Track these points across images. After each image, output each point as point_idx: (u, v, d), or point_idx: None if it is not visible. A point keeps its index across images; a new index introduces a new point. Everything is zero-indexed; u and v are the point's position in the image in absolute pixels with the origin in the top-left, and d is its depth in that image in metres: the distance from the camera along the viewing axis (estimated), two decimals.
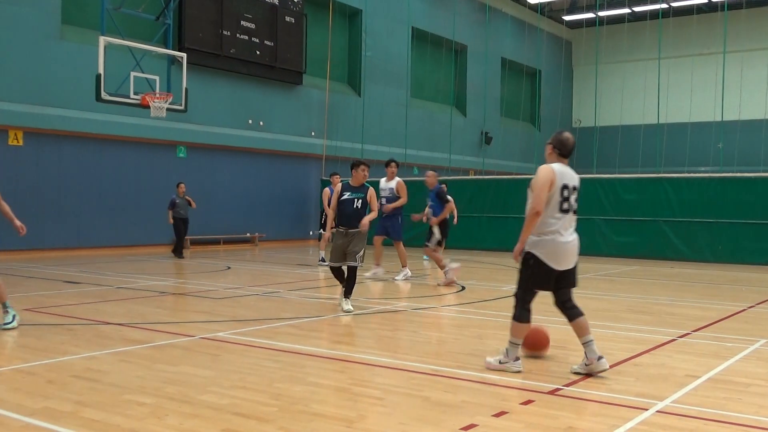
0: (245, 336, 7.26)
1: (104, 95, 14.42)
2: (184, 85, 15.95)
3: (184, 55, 16.26)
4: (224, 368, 5.86)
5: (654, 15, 32.89)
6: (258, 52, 21.44)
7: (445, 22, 28.59)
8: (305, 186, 23.67)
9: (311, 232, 23.40)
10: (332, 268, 9.16)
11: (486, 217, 20.78)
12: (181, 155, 20.10)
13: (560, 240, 5.72)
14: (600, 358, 5.72)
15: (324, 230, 14.31)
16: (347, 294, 8.99)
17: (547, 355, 6.59)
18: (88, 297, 10.26)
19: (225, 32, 20.44)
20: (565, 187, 5.77)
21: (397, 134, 25.65)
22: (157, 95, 15.26)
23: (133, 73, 15.14)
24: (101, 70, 14.27)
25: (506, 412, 4.72)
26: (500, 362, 5.91)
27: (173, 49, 16.79)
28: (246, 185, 21.76)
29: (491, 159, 30.66)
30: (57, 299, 9.79)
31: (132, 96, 15.02)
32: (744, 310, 9.87)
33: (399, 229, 12.79)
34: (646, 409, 4.83)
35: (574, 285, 6.03)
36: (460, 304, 9.89)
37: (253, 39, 21.28)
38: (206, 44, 19.95)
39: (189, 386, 5.24)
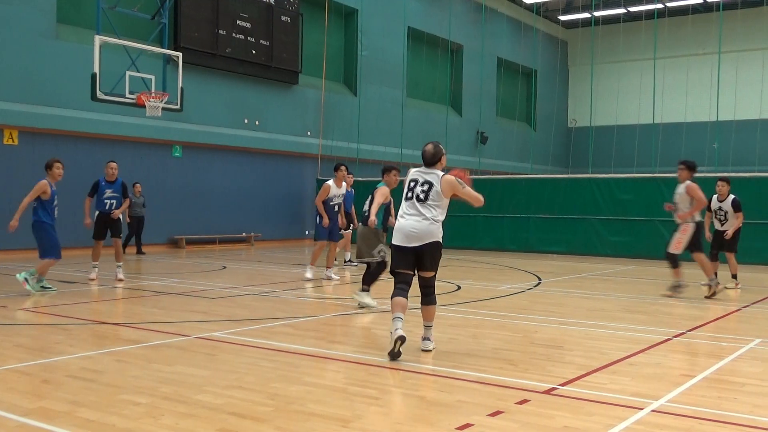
0: (241, 336, 7.26)
1: (100, 94, 14.39)
2: (180, 84, 15.93)
3: (180, 54, 16.24)
4: (220, 368, 5.85)
5: (649, 15, 32.93)
6: (254, 52, 21.42)
7: (441, 22, 28.60)
8: (301, 186, 23.67)
9: (306, 232, 23.39)
10: (379, 264, 9.39)
11: (481, 216, 20.79)
12: (177, 155, 20.07)
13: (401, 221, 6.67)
14: (425, 339, 6.67)
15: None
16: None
17: (540, 354, 6.59)
18: (84, 296, 10.25)
19: (221, 32, 20.42)
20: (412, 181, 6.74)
21: (393, 134, 25.66)
22: (153, 95, 15.23)
23: (128, 73, 15.11)
24: (96, 70, 14.24)
25: (502, 412, 4.72)
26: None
27: (169, 49, 16.76)
28: (242, 185, 21.75)
29: (487, 159, 30.68)
30: (53, 299, 9.77)
31: (127, 95, 14.99)
32: (740, 309, 9.89)
33: (321, 231, 12.65)
34: (642, 409, 4.84)
35: (429, 269, 6.67)
36: (456, 304, 9.90)
37: (248, 38, 21.27)
38: (202, 44, 19.93)
39: (185, 386, 5.24)
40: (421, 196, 6.63)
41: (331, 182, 12.42)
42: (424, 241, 6.56)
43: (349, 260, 15.42)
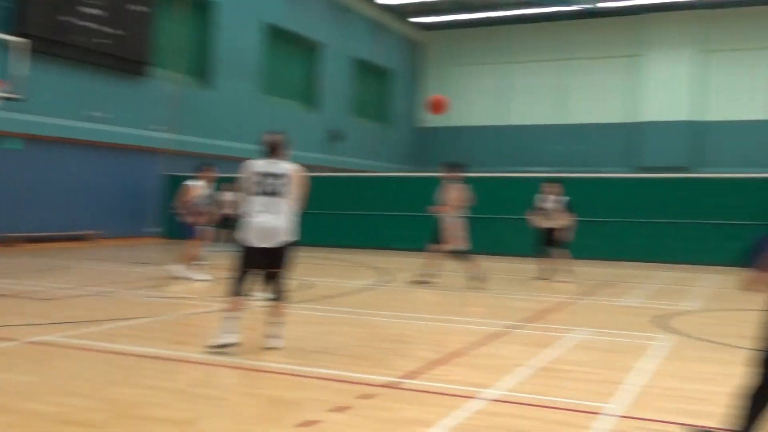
0: (78, 339, 6.93)
1: None
2: (22, 72, 14.93)
3: (24, 40, 15.20)
4: (53, 374, 5.57)
5: (503, 21, 34.43)
6: (103, 41, 20.41)
7: (300, 19, 28.50)
8: (150, 182, 22.85)
9: (151, 230, 22.63)
10: None
11: (335, 213, 20.93)
12: (16, 147, 18.79)
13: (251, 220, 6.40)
14: (273, 337, 6.59)
15: None
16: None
17: (386, 349, 6.74)
18: None
19: (68, 18, 19.27)
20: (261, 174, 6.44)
21: (249, 130, 25.28)
22: None
23: None
24: None
25: (346, 407, 4.80)
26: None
27: (11, 34, 15.67)
28: (87, 180, 20.70)
29: (342, 156, 30.92)
30: None
31: None
32: (568, 301, 10.54)
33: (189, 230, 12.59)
34: (478, 398, 5.08)
35: (275, 267, 6.53)
36: (306, 301, 9.92)
37: (98, 27, 20.21)
38: (47, 30, 18.71)
39: (12, 395, 4.94)
40: (276, 190, 6.42)
41: (198, 183, 12.37)
42: (280, 239, 6.39)
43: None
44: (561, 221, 13.11)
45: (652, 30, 32.52)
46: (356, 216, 21.02)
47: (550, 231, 13.18)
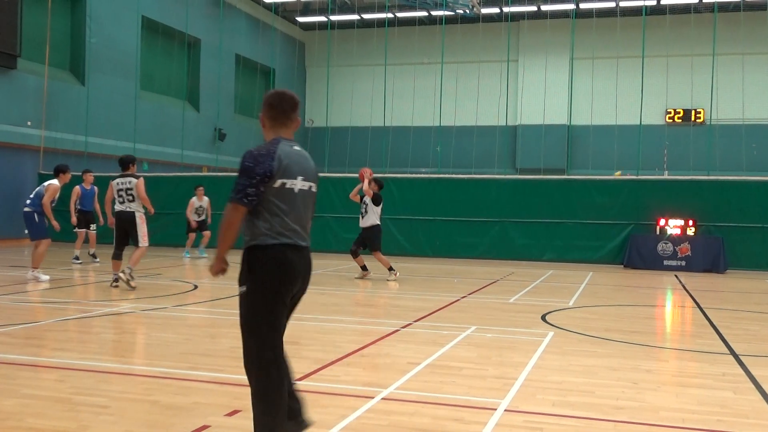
0: None
1: None
2: None
3: None
4: None
5: (381, 23, 34.77)
6: None
7: (178, 14, 27.70)
8: (20, 180, 21.59)
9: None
10: None
11: (218, 214, 20.51)
12: None
13: None
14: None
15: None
16: None
17: None
18: None
19: None
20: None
21: (126, 127, 24.36)
22: None
23: None
24: None
25: (239, 411, 4.71)
26: None
27: None
28: None
29: (225, 156, 30.34)
30: None
31: None
32: (458, 300, 10.79)
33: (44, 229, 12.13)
34: (373, 397, 5.10)
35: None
36: (192, 304, 9.67)
37: None
38: None
39: None
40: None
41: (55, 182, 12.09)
42: None
43: (93, 255, 15.61)
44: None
45: (527, 36, 33.82)
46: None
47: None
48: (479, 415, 4.78)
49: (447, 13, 32.58)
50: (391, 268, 13.31)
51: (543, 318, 9.02)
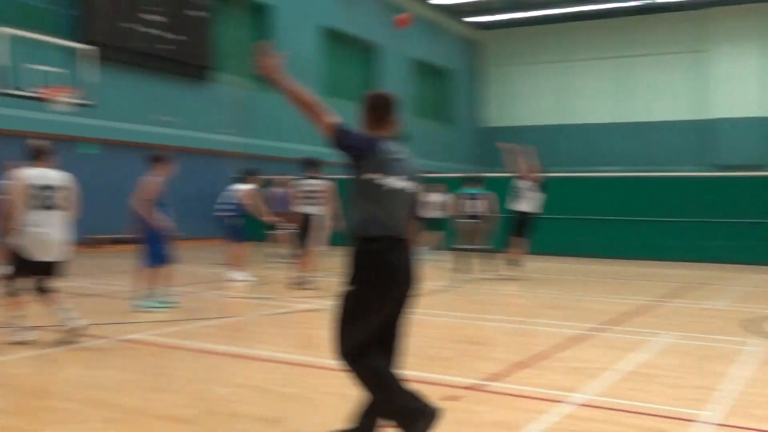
0: (165, 337, 7.07)
1: (5, 89, 13.74)
2: (89, 78, 15.36)
3: (92, 48, 15.65)
4: (143, 371, 5.69)
5: (563, 18, 33.97)
6: (166, 47, 20.85)
7: (357, 21, 28.61)
8: (216, 184, 23.21)
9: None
10: None
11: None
12: (89, 151, 19.36)
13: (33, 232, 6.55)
14: (74, 319, 6.59)
15: None
16: None
17: (463, 350, 6.67)
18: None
19: (131, 25, 19.77)
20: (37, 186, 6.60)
21: (313, 132, 25.39)
22: (59, 89, 14.63)
23: (32, 66, 14.46)
24: (2, 63, 13.59)
25: None
26: (16, 336, 6.62)
27: (77, 42, 16.14)
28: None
29: None
30: None
31: (31, 90, 14.35)
32: (650, 303, 10.28)
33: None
34: (563, 402, 4.98)
35: (54, 276, 6.77)
36: None
37: (160, 33, 20.68)
38: (112, 38, 19.24)
39: (107, 390, 5.06)
40: (57, 203, 6.74)
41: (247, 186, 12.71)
42: (62, 254, 6.77)
43: (283, 256, 15.62)
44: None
45: (717, 24, 31.62)
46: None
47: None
48: (684, 428, 4.53)
49: (627, 4, 31.23)
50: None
51: (749, 326, 8.37)
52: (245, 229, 12.60)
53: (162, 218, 8.88)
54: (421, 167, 4.12)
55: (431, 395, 5.06)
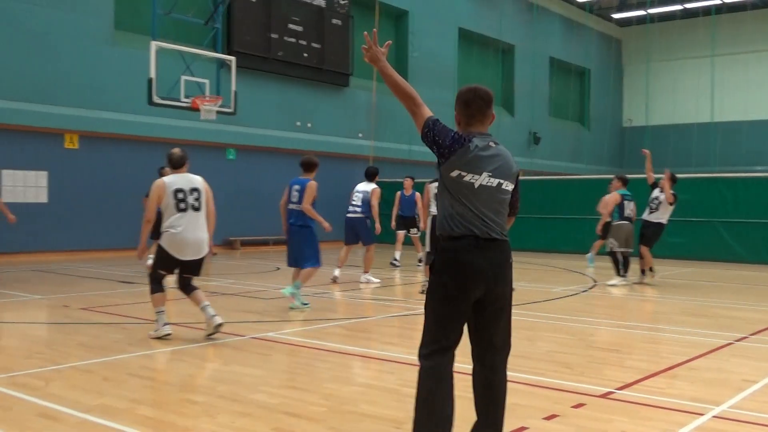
0: (295, 336, 7.32)
1: (156, 99, 14.68)
2: (233, 88, 16.15)
3: (233, 58, 16.46)
4: (274, 368, 5.91)
5: (707, 11, 32.23)
6: (305, 55, 21.60)
7: (492, 22, 28.41)
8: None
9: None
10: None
11: (535, 217, 20.57)
12: (231, 157, 20.37)
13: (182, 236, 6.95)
14: (214, 315, 7.00)
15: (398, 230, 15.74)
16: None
17: (596, 357, 6.47)
18: (142, 297, 10.46)
19: (273, 35, 20.64)
20: (178, 190, 7.02)
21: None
22: (207, 98, 15.47)
23: (183, 77, 15.39)
24: (153, 75, 14.52)
25: (557, 415, 4.66)
26: (154, 331, 7.09)
27: (222, 53, 17.01)
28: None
29: (540, 159, 30.36)
30: (112, 299, 10.00)
31: (182, 99, 15.25)
32: None
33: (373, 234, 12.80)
34: (702, 414, 4.73)
35: (196, 273, 7.23)
36: (514, 305, 9.80)
37: (300, 41, 21.45)
38: (254, 47, 20.17)
39: (240, 385, 5.30)
40: (196, 204, 7.06)
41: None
42: (203, 253, 7.12)
43: (419, 259, 15.64)
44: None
45: None
46: (557, 219, 20.53)
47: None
48: None
49: None
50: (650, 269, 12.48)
51: None
52: (373, 231, 12.83)
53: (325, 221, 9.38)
54: (518, 165, 3.96)
55: (560, 402, 4.98)
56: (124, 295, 10.49)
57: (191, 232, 6.97)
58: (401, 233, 16.01)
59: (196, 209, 7.06)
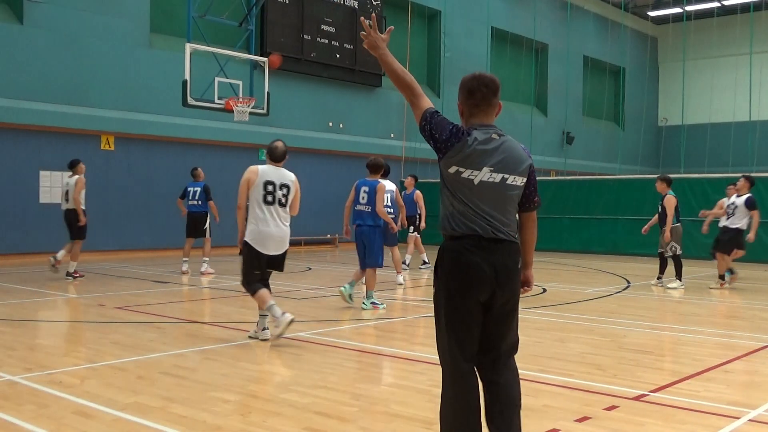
0: (326, 336, 7.35)
1: (190, 101, 14.84)
2: (267, 89, 16.27)
3: (267, 60, 16.58)
4: (305, 368, 5.94)
5: (745, 8, 31.66)
6: (338, 56, 21.69)
7: (525, 22, 28.23)
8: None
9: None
10: None
11: (568, 218, 20.41)
12: (264, 158, 20.52)
13: (265, 229, 6.88)
14: (265, 329, 6.95)
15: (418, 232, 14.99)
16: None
17: (628, 359, 6.40)
18: (176, 296, 10.59)
19: (306, 36, 20.76)
20: (269, 183, 6.99)
21: None
22: (241, 100, 15.60)
23: (217, 79, 15.54)
24: (187, 77, 14.69)
25: (589, 418, 4.62)
26: (254, 333, 7.05)
27: (256, 54, 17.13)
28: (326, 187, 22.02)
29: (573, 159, 30.09)
30: (146, 298, 10.14)
31: (216, 101, 15.40)
32: None
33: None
34: (738, 418, 4.65)
35: (279, 269, 7.20)
36: (541, 307, 9.74)
37: (333, 42, 21.55)
38: (287, 49, 20.30)
39: (271, 385, 5.34)
40: (283, 200, 7.04)
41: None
42: (285, 248, 7.07)
43: (423, 261, 15.31)
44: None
45: None
46: (591, 220, 20.33)
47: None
48: None
49: None
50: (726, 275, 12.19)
51: None
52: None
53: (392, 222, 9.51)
54: (527, 159, 3.61)
55: (591, 404, 4.93)
56: (159, 294, 10.63)
57: (275, 226, 6.93)
58: (411, 236, 15.40)
59: (282, 204, 7.02)
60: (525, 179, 3.55)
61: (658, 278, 12.56)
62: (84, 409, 4.69)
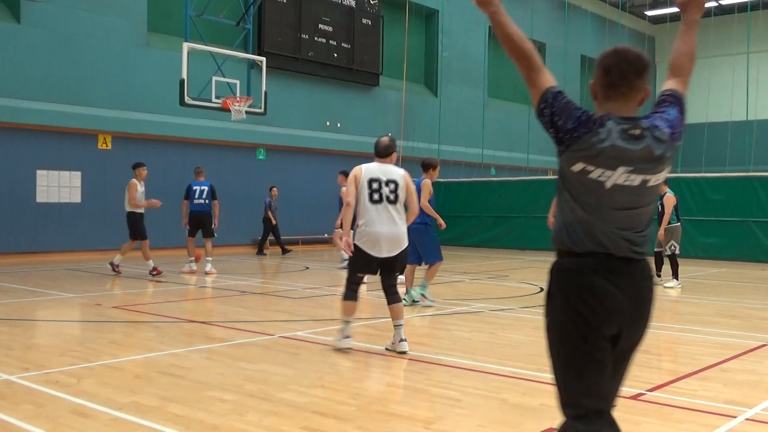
0: (324, 335, 7.34)
1: (188, 100, 14.83)
2: (264, 88, 16.25)
3: (264, 59, 16.57)
4: (303, 367, 5.94)
5: (742, 8, 31.72)
6: (335, 55, 21.67)
7: (523, 20, 28.20)
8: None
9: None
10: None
11: None
12: (261, 157, 20.49)
13: (374, 229, 6.42)
14: (402, 341, 6.46)
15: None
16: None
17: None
18: (173, 296, 10.58)
19: (303, 36, 20.75)
20: (373, 180, 6.52)
21: (475, 135, 25.49)
22: (238, 99, 15.59)
23: (214, 78, 15.52)
24: (185, 76, 14.68)
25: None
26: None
27: (253, 54, 17.12)
28: (324, 186, 22.00)
29: None
30: (144, 297, 10.13)
31: (214, 100, 15.39)
32: None
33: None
34: (734, 417, 4.66)
35: (396, 271, 6.67)
36: (538, 306, 9.75)
37: (330, 42, 21.53)
38: (285, 48, 20.29)
39: (269, 384, 5.34)
40: (391, 197, 6.53)
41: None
42: (401, 248, 6.53)
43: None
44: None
45: None
46: None
47: None
48: None
49: None
50: None
51: None
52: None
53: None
54: (673, 145, 2.76)
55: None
56: (156, 294, 10.62)
57: (385, 226, 6.40)
58: None
59: (392, 201, 6.49)
60: (667, 169, 2.77)
61: (657, 276, 12.58)
62: (81, 409, 4.68)
